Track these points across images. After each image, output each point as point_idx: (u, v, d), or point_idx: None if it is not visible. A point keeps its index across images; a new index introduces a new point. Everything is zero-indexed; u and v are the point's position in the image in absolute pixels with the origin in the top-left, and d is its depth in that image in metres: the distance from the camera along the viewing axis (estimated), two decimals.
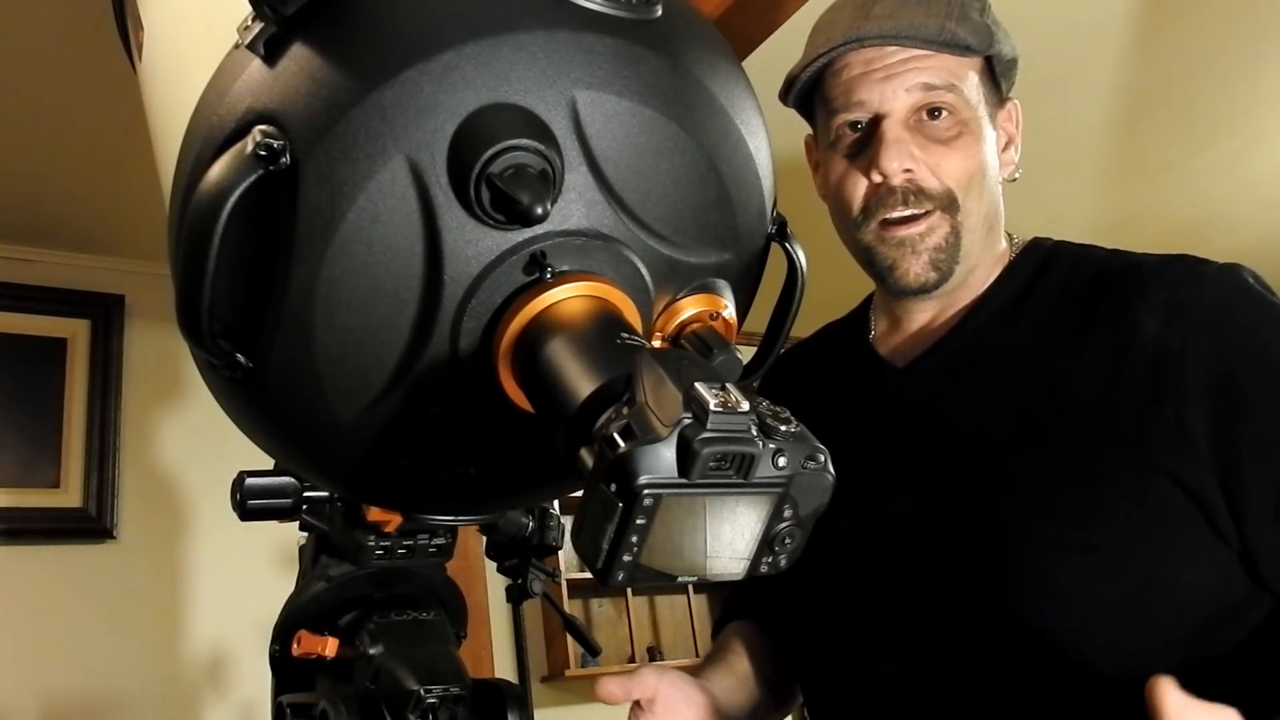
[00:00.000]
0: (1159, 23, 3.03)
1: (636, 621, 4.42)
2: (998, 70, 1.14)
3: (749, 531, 0.54)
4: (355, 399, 0.67)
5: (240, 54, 0.66)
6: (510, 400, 0.66)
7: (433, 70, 0.61)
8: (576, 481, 0.58)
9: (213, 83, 0.68)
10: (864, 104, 1.09)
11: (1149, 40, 3.11)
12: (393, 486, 0.75)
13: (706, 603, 4.61)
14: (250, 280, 0.64)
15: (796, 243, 0.79)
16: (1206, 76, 3.32)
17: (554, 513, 1.03)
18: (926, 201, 1.08)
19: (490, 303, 0.65)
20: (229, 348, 0.66)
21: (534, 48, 0.63)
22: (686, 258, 0.70)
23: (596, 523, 0.52)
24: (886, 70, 1.08)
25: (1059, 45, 3.05)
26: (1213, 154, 3.82)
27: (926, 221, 1.08)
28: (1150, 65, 3.22)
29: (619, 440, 0.51)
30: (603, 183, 0.66)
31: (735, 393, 0.52)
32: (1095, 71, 3.24)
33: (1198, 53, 3.20)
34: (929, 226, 1.09)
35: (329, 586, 0.93)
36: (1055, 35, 3.00)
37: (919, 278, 1.10)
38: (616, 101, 0.65)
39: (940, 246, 1.09)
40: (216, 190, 0.61)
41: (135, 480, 3.38)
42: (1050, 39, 3.00)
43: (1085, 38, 3.06)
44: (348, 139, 0.61)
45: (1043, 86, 3.16)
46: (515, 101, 0.63)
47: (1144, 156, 3.79)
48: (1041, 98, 3.18)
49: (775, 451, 0.51)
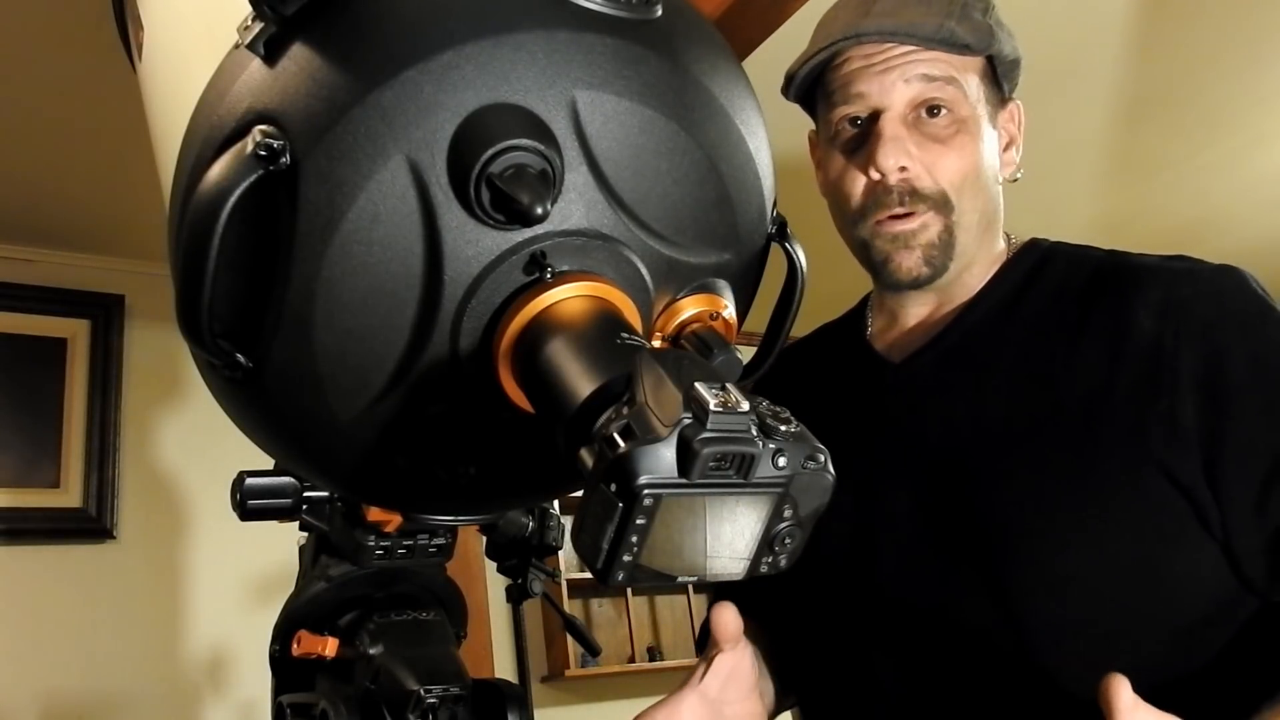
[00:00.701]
0: (1159, 22, 3.03)
1: (636, 621, 4.42)
2: (999, 70, 1.14)
3: (749, 532, 0.54)
4: (355, 398, 0.67)
5: (240, 54, 0.66)
6: (510, 400, 0.66)
7: (433, 70, 0.61)
8: (576, 482, 0.58)
9: (212, 83, 0.68)
10: (863, 96, 1.10)
11: (1149, 40, 3.11)
12: (393, 486, 0.75)
13: (706, 603, 4.60)
14: (250, 280, 0.64)
15: (797, 243, 0.79)
16: (1206, 76, 3.32)
17: (554, 513, 1.03)
18: (920, 202, 1.09)
19: (490, 302, 0.65)
20: (229, 348, 0.66)
21: (534, 48, 0.63)
22: (686, 258, 0.70)
23: (596, 523, 0.51)
24: (886, 64, 1.09)
25: (1059, 45, 3.05)
26: (1212, 153, 3.82)
27: (920, 219, 1.09)
28: (1150, 65, 3.22)
29: (619, 440, 0.51)
30: (603, 183, 0.66)
31: (735, 393, 0.52)
32: (1095, 71, 3.24)
33: (1198, 52, 3.20)
34: (922, 224, 1.10)
35: (329, 586, 0.93)
36: (1055, 35, 3.00)
37: (911, 272, 1.11)
38: (616, 101, 0.65)
39: (933, 243, 1.10)
40: (216, 190, 0.61)
41: (135, 480, 3.38)
42: (1050, 39, 3.00)
43: (1085, 38, 3.06)
44: (348, 139, 0.61)
45: (1042, 86, 3.16)
46: (515, 101, 0.62)
47: (1144, 156, 3.79)
48: (1042, 97, 3.18)
49: (775, 451, 0.51)
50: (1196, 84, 3.36)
